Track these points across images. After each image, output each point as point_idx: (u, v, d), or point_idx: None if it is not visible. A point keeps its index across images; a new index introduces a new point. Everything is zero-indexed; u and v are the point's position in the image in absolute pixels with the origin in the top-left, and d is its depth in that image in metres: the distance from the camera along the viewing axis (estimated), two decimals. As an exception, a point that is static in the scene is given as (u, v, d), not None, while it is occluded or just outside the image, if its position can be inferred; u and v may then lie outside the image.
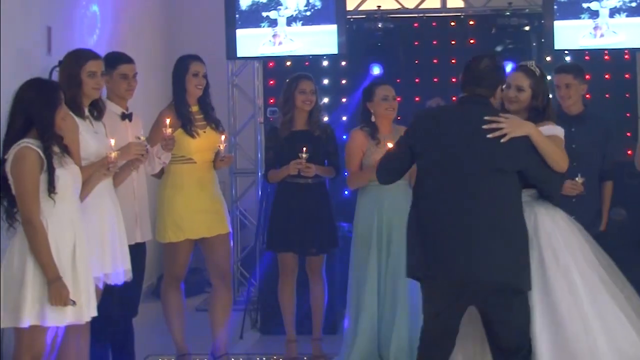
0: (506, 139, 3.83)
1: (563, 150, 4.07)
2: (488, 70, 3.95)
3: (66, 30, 5.81)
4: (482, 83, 3.94)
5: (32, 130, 3.82)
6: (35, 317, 3.76)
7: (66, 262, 3.85)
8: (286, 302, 5.50)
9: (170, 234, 5.07)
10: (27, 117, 3.81)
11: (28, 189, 3.76)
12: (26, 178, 3.76)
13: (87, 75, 4.24)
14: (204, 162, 5.11)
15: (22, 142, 3.79)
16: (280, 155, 5.37)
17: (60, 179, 3.83)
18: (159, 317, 5.44)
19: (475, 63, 3.97)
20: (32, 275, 3.76)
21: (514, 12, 6.83)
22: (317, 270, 5.47)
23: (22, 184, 3.76)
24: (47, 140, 3.81)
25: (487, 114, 3.89)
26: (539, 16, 6.69)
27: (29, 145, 3.78)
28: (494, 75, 3.98)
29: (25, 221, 3.77)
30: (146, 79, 5.13)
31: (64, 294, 3.77)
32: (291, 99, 5.37)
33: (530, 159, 3.92)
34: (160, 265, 5.39)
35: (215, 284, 5.26)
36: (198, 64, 5.10)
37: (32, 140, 3.81)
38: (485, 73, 3.94)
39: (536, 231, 4.00)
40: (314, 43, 6.56)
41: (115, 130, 4.58)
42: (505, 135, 3.83)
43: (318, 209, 5.37)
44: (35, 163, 3.77)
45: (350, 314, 5.23)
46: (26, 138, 3.81)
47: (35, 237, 3.76)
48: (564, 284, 3.90)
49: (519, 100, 4.17)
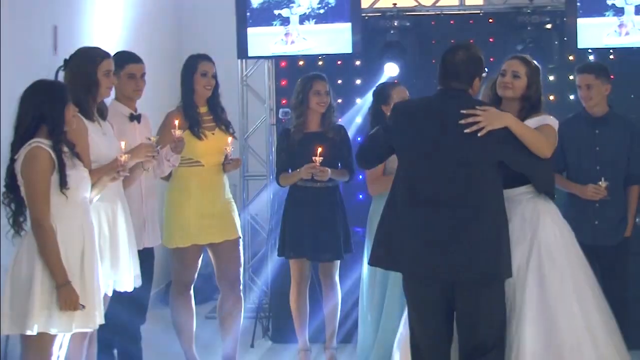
0: (484, 132, 3.81)
1: (549, 138, 4.06)
2: (463, 63, 3.92)
3: (73, 29, 5.82)
4: (458, 76, 3.92)
5: (42, 130, 3.84)
6: (43, 323, 3.76)
7: (74, 267, 3.85)
8: (299, 309, 5.49)
9: (176, 239, 5.07)
10: (35, 116, 3.82)
11: (39, 190, 3.77)
12: (38, 178, 3.77)
13: (104, 75, 4.25)
14: (213, 165, 5.10)
15: (33, 141, 3.81)
16: (292, 157, 5.36)
17: (70, 180, 3.84)
18: (167, 324, 5.44)
19: (450, 55, 3.95)
20: (41, 280, 3.76)
21: (535, 10, 6.78)
22: (330, 276, 5.46)
23: (33, 184, 3.77)
24: (57, 137, 3.83)
25: (463, 107, 3.86)
26: (562, 13, 6.64)
27: (40, 145, 3.80)
28: (470, 67, 3.94)
29: (35, 223, 3.78)
30: (155, 79, 5.14)
31: (74, 298, 3.77)
32: (305, 100, 5.37)
33: (508, 149, 3.89)
34: (169, 271, 5.39)
35: (223, 291, 5.25)
36: (207, 64, 5.09)
37: (43, 140, 3.82)
38: (461, 66, 3.92)
39: (536, 229, 4.05)
40: (327, 42, 6.55)
41: (124, 132, 4.59)
42: (483, 129, 3.82)
43: (331, 214, 5.36)
44: (47, 163, 3.79)
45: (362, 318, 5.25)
46: (36, 137, 3.82)
47: (45, 240, 3.76)
48: (558, 282, 3.98)
49: (514, 87, 4.19)
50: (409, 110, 4.06)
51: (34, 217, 3.78)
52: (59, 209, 3.83)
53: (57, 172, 3.81)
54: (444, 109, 3.91)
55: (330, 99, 5.41)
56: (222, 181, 5.17)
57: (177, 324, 5.23)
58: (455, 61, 3.93)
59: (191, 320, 5.25)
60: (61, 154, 3.83)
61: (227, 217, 5.15)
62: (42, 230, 3.77)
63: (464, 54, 3.95)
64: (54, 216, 3.81)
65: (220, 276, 5.23)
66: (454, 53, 3.95)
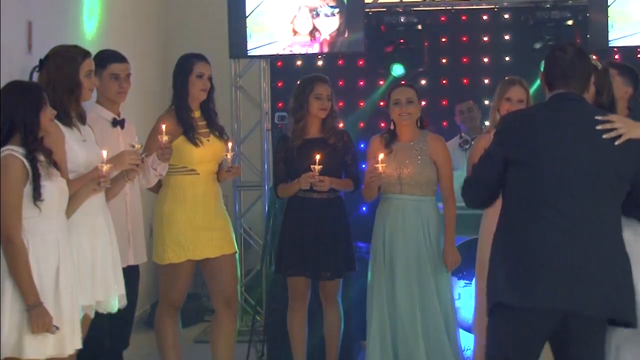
0: (622, 140, 3.69)
1: None
2: (577, 62, 3.78)
3: (49, 25, 5.81)
4: (574, 77, 3.77)
5: (15, 136, 3.81)
6: (12, 348, 3.73)
7: (48, 287, 3.82)
8: (296, 331, 5.46)
9: (170, 254, 5.03)
10: (8, 121, 3.80)
11: (10, 202, 3.75)
12: (8, 189, 3.75)
13: (86, 76, 4.24)
14: (208, 173, 5.09)
15: (5, 149, 3.78)
16: (291, 166, 5.35)
17: (45, 191, 3.82)
18: (152, 349, 5.41)
19: (561, 54, 3.80)
20: (10, 301, 3.73)
21: (555, 5, 6.79)
22: (331, 296, 5.43)
23: (3, 196, 3.74)
24: (32, 145, 3.81)
25: (593, 112, 3.76)
26: (584, 9, 6.64)
27: (12, 153, 3.77)
28: (585, 66, 3.81)
29: (5, 239, 3.75)
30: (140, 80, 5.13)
31: (47, 320, 3.74)
32: (305, 104, 5.34)
33: None
34: (154, 290, 5.36)
35: (218, 311, 5.20)
36: (203, 65, 5.08)
37: (16, 147, 3.80)
38: (575, 65, 3.77)
39: None
40: (328, 40, 6.58)
41: (106, 139, 4.56)
42: (621, 137, 3.69)
43: (333, 227, 5.33)
44: (20, 173, 3.76)
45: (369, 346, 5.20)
46: (9, 145, 3.80)
47: (15, 257, 3.74)
48: None
49: None
50: (526, 119, 3.86)
51: (4, 233, 3.75)
52: (31, 222, 3.80)
53: (31, 182, 3.78)
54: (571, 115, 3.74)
55: (332, 103, 5.39)
56: (218, 191, 5.16)
57: (163, 348, 5.19)
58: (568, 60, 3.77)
59: (178, 345, 5.21)
60: (36, 162, 3.80)
61: (223, 230, 5.13)
62: (13, 246, 3.74)
63: (576, 51, 3.80)
64: (26, 231, 3.78)
65: (215, 293, 5.19)
66: (564, 51, 3.79)
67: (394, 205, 5.15)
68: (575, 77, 3.77)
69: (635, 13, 6.46)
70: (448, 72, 7.51)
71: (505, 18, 7.33)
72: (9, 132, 3.80)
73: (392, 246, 5.13)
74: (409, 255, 5.09)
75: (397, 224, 5.13)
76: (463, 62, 7.52)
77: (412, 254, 5.09)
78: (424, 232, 5.14)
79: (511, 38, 7.23)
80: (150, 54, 7.55)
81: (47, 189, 3.83)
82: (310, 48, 6.77)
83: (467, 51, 7.47)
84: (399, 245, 5.11)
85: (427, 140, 5.24)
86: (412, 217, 5.12)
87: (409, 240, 5.10)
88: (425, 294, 5.09)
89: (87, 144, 4.31)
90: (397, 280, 5.10)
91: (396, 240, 5.12)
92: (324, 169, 5.08)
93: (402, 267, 5.09)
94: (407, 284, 5.08)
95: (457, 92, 7.40)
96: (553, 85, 3.80)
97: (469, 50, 7.46)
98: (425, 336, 5.06)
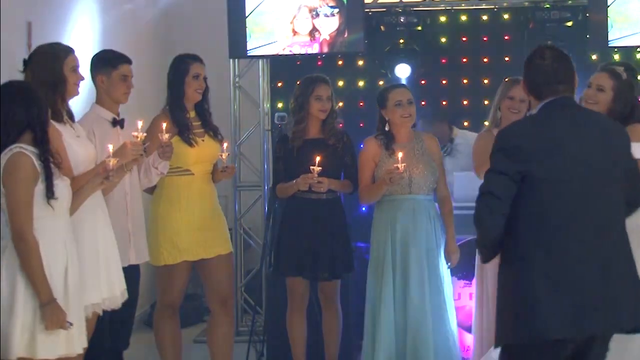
0: None
1: None
2: (558, 65, 3.63)
3: (48, 25, 5.83)
4: (561, 82, 3.62)
5: (25, 135, 3.82)
6: (25, 348, 3.74)
7: (58, 286, 3.83)
8: (295, 332, 5.49)
9: (165, 255, 5.06)
10: (21, 121, 3.80)
11: (21, 200, 3.76)
12: (20, 187, 3.76)
13: (70, 71, 4.24)
14: (203, 173, 5.11)
15: (15, 146, 3.79)
16: (290, 166, 5.37)
17: (58, 189, 3.83)
18: (151, 349, 5.43)
19: (540, 61, 3.65)
20: (23, 300, 3.75)
21: (554, 5, 6.81)
22: (330, 297, 5.46)
23: (15, 194, 3.75)
24: (45, 145, 3.82)
25: (593, 115, 3.77)
26: (584, 9, 6.67)
27: (23, 151, 3.78)
28: (567, 66, 3.67)
29: (17, 237, 3.76)
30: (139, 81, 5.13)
31: (61, 317, 3.76)
32: (305, 105, 5.35)
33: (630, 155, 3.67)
34: (153, 291, 5.39)
35: (214, 311, 5.24)
36: (199, 65, 5.11)
37: (26, 146, 3.81)
38: (557, 69, 3.63)
39: None
40: (327, 40, 6.60)
41: (106, 138, 4.57)
42: None
43: (332, 228, 5.35)
44: (31, 171, 3.77)
45: (366, 347, 5.20)
46: (18, 143, 3.80)
47: (29, 255, 3.74)
48: None
49: (598, 102, 4.16)
50: (540, 128, 3.59)
51: (16, 230, 3.76)
52: (41, 221, 3.81)
53: (43, 181, 3.79)
54: (580, 119, 3.64)
55: (332, 104, 5.41)
56: (213, 191, 5.19)
57: (162, 348, 5.22)
58: (547, 62, 3.64)
59: (178, 345, 5.24)
60: (49, 162, 3.81)
61: (218, 230, 5.15)
62: (25, 244, 3.75)
63: (553, 52, 3.68)
64: (35, 230, 3.79)
65: (211, 294, 5.22)
66: (542, 54, 3.66)
67: (404, 206, 5.09)
68: (561, 81, 3.62)
69: (635, 13, 6.47)
70: (448, 72, 7.53)
71: (505, 18, 7.34)
72: (20, 131, 3.80)
73: (404, 247, 5.07)
74: (420, 255, 5.05)
75: (409, 224, 5.08)
76: (463, 62, 7.53)
77: (423, 255, 5.05)
78: (433, 231, 5.12)
79: (511, 38, 7.24)
80: (151, 54, 7.57)
81: (60, 188, 3.85)
82: (310, 48, 6.78)
83: (467, 51, 7.48)
84: (412, 247, 5.05)
85: (424, 139, 5.24)
86: (422, 217, 5.10)
87: (420, 241, 5.07)
88: (437, 296, 5.05)
89: (82, 140, 4.33)
90: (411, 280, 5.04)
91: (408, 242, 5.06)
92: (323, 169, 5.10)
93: (415, 269, 5.02)
94: (419, 286, 5.01)
95: (456, 92, 7.42)
96: (540, 94, 3.63)
97: (469, 50, 7.47)
98: (435, 334, 5.01)
